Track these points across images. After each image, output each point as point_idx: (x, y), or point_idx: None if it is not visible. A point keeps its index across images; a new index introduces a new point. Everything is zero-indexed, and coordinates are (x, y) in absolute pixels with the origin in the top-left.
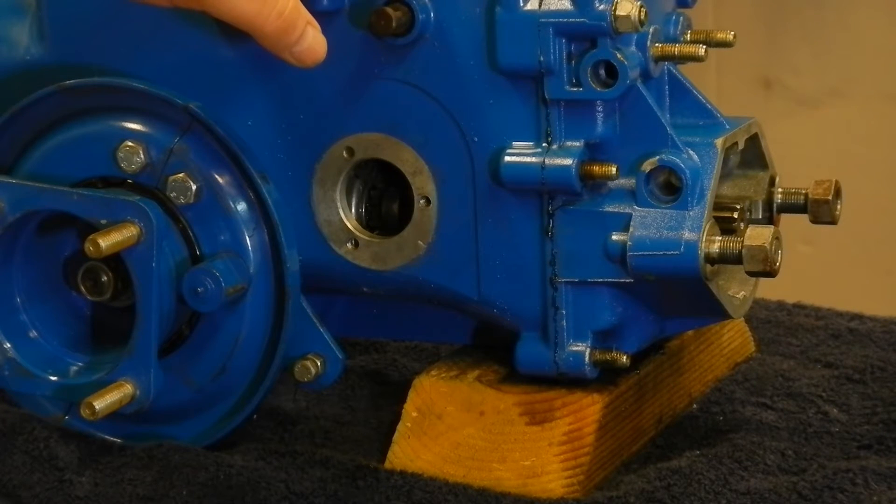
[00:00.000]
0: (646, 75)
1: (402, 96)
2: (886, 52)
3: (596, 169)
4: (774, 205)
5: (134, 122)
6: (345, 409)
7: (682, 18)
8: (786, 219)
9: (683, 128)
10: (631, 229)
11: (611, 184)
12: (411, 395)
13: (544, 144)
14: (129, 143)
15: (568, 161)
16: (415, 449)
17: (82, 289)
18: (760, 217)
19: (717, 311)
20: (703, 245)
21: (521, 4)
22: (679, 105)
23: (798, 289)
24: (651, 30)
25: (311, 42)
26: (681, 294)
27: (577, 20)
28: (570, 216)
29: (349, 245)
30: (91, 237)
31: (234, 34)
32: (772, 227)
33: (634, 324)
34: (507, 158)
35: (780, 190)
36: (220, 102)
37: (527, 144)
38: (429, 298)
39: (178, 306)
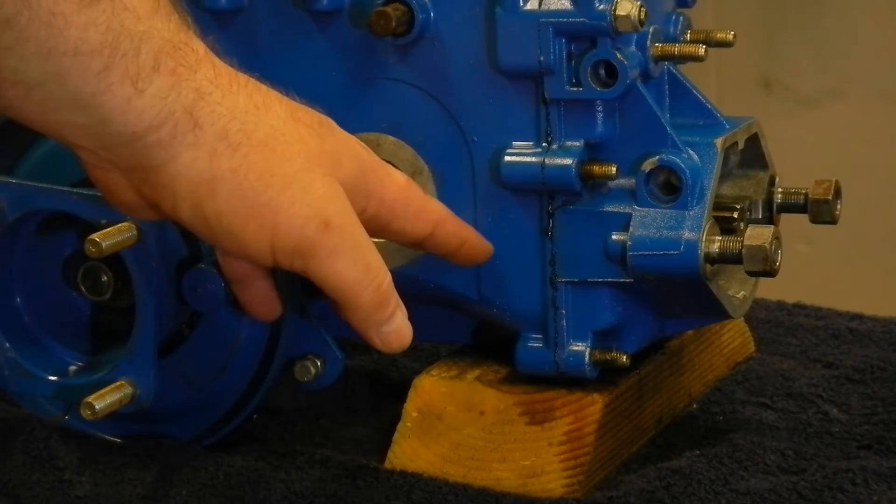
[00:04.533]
0: (646, 75)
1: (402, 96)
2: (886, 52)
3: (596, 169)
4: (774, 205)
5: None
6: (345, 409)
7: (682, 18)
8: (786, 219)
9: (683, 128)
10: (631, 229)
11: (611, 184)
12: (411, 395)
13: (544, 144)
14: None
15: (568, 161)
16: (415, 449)
17: (82, 289)
18: (760, 217)
19: (717, 311)
20: (703, 245)
21: (521, 4)
22: (679, 105)
23: (798, 289)
24: (651, 30)
25: (400, 324)
26: (681, 294)
27: (577, 20)
28: (570, 216)
29: None
30: (91, 237)
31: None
32: (772, 227)
33: (634, 324)
34: (507, 158)
35: (780, 190)
36: None
37: (527, 144)
38: (429, 298)
39: (178, 306)
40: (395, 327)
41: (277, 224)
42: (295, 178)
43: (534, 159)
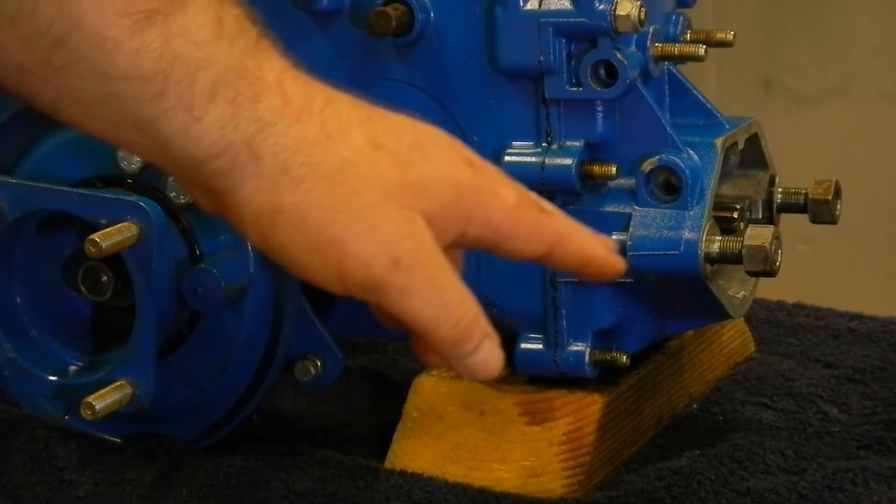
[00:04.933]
0: (646, 75)
1: (402, 96)
2: (886, 52)
3: (596, 169)
4: (774, 205)
5: None
6: (345, 409)
7: (682, 18)
8: (786, 219)
9: (683, 128)
10: (631, 229)
11: (611, 184)
12: (411, 395)
13: (544, 144)
14: None
15: (568, 161)
16: (415, 449)
17: (82, 289)
18: (760, 217)
19: (717, 311)
20: (703, 245)
21: (521, 4)
22: (679, 105)
23: (798, 289)
24: (651, 30)
25: (487, 356)
26: (681, 294)
27: (577, 20)
28: (571, 216)
29: None
30: (91, 237)
31: None
32: (772, 227)
33: (634, 324)
34: (507, 158)
35: (780, 190)
36: None
37: (527, 144)
38: None
39: (178, 306)
40: (480, 359)
41: (343, 261)
42: (363, 213)
43: (534, 159)
